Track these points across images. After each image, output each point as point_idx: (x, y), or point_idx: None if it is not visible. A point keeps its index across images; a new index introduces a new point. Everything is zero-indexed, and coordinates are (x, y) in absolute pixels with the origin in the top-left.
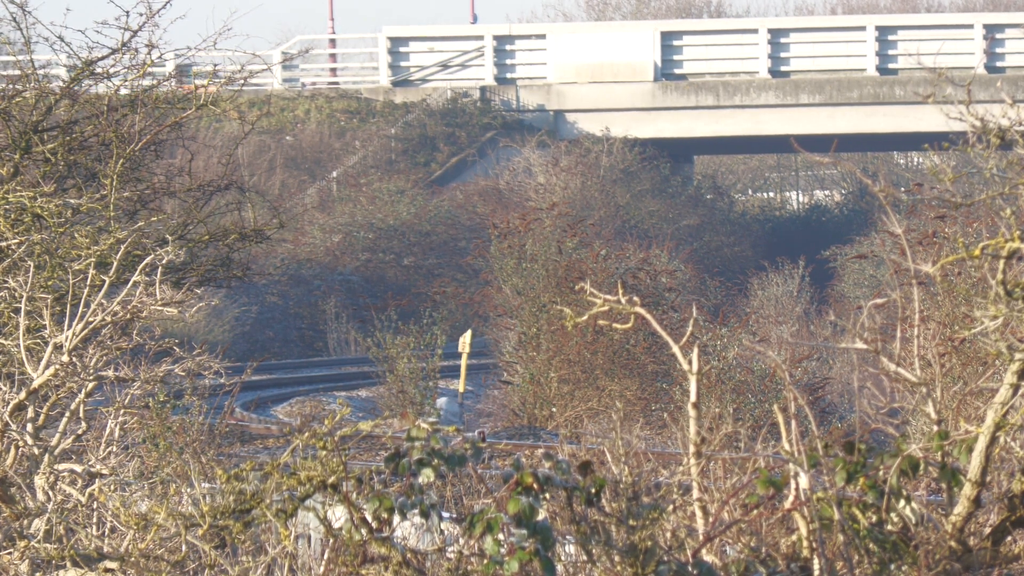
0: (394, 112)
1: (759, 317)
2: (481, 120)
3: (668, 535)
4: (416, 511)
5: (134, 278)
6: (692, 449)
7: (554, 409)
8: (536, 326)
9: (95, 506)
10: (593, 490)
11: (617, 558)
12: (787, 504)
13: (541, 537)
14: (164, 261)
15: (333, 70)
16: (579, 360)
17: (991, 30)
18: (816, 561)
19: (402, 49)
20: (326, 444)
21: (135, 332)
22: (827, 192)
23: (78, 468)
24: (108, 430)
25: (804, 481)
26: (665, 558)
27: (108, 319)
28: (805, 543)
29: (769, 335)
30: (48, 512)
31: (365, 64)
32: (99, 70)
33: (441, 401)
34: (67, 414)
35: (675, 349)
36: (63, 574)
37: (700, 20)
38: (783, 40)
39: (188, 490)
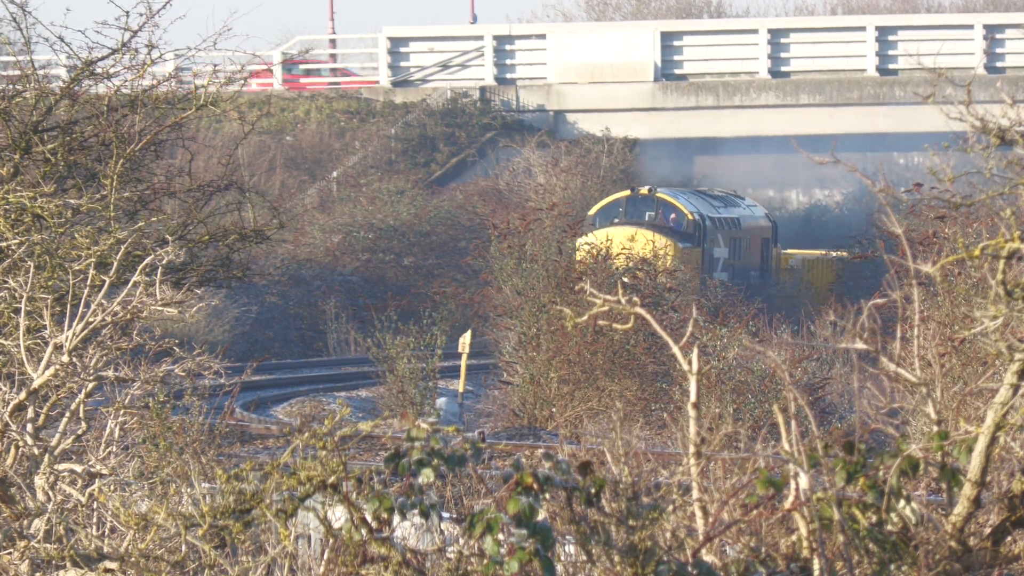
0: (394, 112)
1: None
2: (481, 120)
3: (668, 535)
4: (416, 511)
5: (134, 278)
6: (692, 449)
7: (554, 409)
8: (536, 326)
9: (95, 506)
10: (593, 490)
11: (617, 558)
12: (787, 504)
13: (541, 537)
14: (164, 261)
15: (333, 70)
16: (579, 360)
17: (991, 30)
18: (816, 561)
19: (402, 49)
20: (326, 444)
21: (135, 332)
22: (827, 192)
23: (78, 468)
24: (108, 430)
25: (804, 481)
26: (665, 558)
27: (108, 319)
28: (805, 543)
29: (769, 335)
30: (48, 512)
31: (365, 64)
32: (99, 70)
33: (441, 401)
34: (67, 414)
35: (675, 349)
36: (63, 574)
37: (700, 20)
38: (783, 40)
39: (188, 490)
